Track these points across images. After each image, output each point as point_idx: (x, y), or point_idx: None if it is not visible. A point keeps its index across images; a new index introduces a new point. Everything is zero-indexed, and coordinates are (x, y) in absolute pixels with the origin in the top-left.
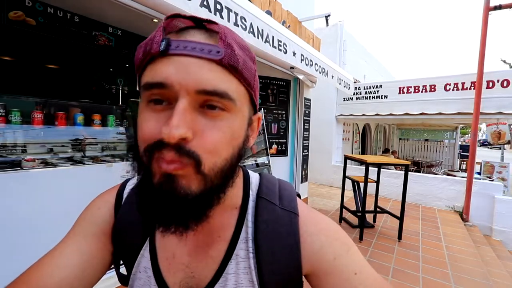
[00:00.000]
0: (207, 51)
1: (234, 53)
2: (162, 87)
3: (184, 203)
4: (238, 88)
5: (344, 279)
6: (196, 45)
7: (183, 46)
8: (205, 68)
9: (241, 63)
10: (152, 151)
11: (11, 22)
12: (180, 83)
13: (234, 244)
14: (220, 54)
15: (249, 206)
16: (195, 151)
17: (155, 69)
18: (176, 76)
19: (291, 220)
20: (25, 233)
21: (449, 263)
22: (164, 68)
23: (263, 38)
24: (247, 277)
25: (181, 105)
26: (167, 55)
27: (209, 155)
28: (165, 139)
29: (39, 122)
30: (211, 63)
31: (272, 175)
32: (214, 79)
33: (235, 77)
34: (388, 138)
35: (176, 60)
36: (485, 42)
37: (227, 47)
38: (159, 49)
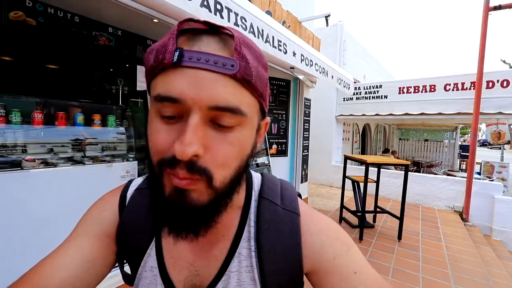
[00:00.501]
0: (221, 64)
1: (248, 65)
2: (175, 102)
3: (194, 212)
4: (249, 100)
5: (344, 278)
6: (209, 57)
7: (197, 58)
8: (218, 83)
9: (254, 76)
10: (164, 165)
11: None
12: (193, 99)
13: (236, 243)
14: (234, 68)
15: (252, 205)
16: (207, 167)
17: (167, 81)
18: (189, 92)
19: (292, 220)
20: (26, 233)
21: (449, 263)
22: (177, 82)
23: (263, 38)
24: (249, 275)
25: (193, 120)
26: (180, 67)
27: (220, 170)
28: (178, 157)
29: (39, 122)
30: (225, 78)
31: (274, 175)
32: (227, 94)
33: (247, 90)
34: (388, 138)
35: (189, 73)
36: (485, 42)
37: (242, 59)
38: (172, 59)
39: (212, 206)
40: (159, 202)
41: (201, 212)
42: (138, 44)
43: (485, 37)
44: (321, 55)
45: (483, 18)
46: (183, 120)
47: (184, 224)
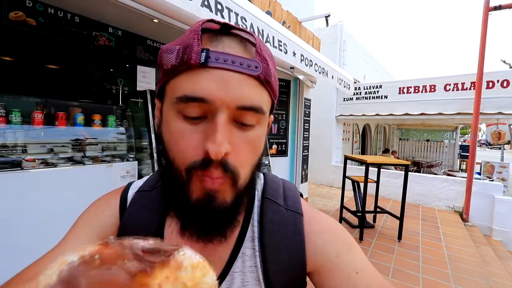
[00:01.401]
0: (246, 65)
1: (268, 67)
2: (202, 102)
3: (221, 214)
4: (267, 99)
5: (346, 277)
6: (235, 59)
7: (223, 59)
8: (244, 83)
9: (273, 77)
10: (195, 169)
11: (12, 23)
12: (222, 99)
13: (240, 243)
14: (258, 70)
15: (255, 205)
16: (235, 165)
17: (193, 81)
18: (218, 93)
19: (295, 220)
20: (26, 233)
21: (449, 263)
22: (205, 82)
23: (263, 38)
24: (253, 275)
25: (222, 120)
26: (207, 67)
27: (243, 169)
28: (213, 157)
29: (39, 122)
30: (249, 78)
31: (275, 175)
32: (252, 94)
33: (266, 90)
34: (388, 138)
35: (216, 74)
36: (485, 42)
37: (263, 62)
38: (199, 60)
39: (235, 206)
40: (185, 208)
41: (227, 213)
42: (138, 44)
43: (485, 37)
44: (321, 55)
45: (483, 18)
46: (208, 120)
47: (212, 227)
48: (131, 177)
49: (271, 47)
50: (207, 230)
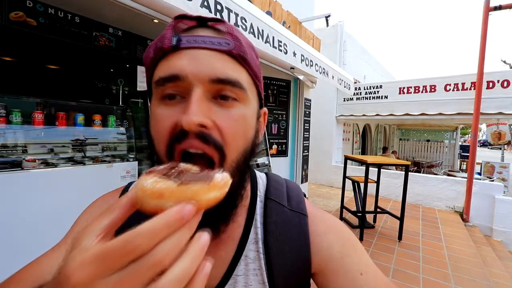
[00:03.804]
0: (217, 43)
1: (241, 44)
2: (176, 79)
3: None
4: (247, 78)
5: (350, 278)
6: (206, 39)
7: (194, 40)
8: (216, 58)
9: (249, 55)
10: (173, 145)
11: (12, 23)
12: (194, 73)
13: (243, 245)
14: (229, 46)
15: (257, 206)
16: (218, 139)
17: (167, 63)
18: (189, 67)
19: (300, 221)
20: (26, 233)
21: (449, 264)
22: (177, 61)
23: (263, 38)
24: (256, 278)
25: (196, 94)
26: (179, 49)
27: (229, 146)
28: (185, 127)
29: (39, 123)
30: (222, 54)
31: (278, 175)
32: (226, 67)
33: (244, 67)
34: (388, 138)
35: (188, 53)
36: (485, 43)
37: (235, 40)
38: (171, 44)
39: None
40: None
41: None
42: (138, 45)
43: (485, 37)
44: (321, 56)
45: (483, 18)
46: (186, 100)
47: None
48: (131, 177)
49: (271, 47)
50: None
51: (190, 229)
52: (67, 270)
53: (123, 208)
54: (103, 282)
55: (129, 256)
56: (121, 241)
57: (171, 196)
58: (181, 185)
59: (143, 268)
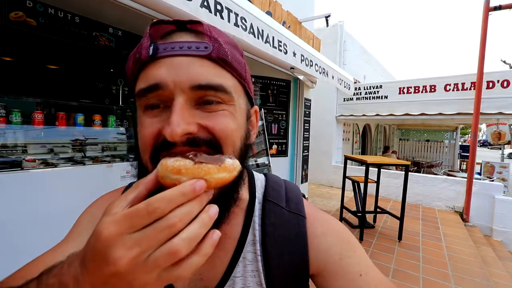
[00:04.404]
0: (195, 47)
1: (221, 46)
2: (157, 89)
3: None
4: (231, 81)
5: (349, 280)
6: (183, 44)
7: (171, 47)
8: (196, 64)
9: (230, 56)
10: (157, 154)
11: (12, 23)
12: (174, 81)
13: (241, 247)
14: (208, 49)
15: (256, 208)
16: (211, 137)
17: (147, 74)
18: (169, 76)
19: (298, 223)
20: (26, 233)
21: (449, 264)
22: (156, 71)
23: (263, 38)
24: (254, 280)
25: (178, 103)
26: (157, 59)
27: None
28: (169, 138)
29: (39, 123)
30: (201, 59)
31: (277, 176)
32: (206, 73)
33: (226, 70)
34: (388, 138)
35: (166, 61)
36: (485, 43)
37: (214, 42)
38: (148, 54)
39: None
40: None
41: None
42: None
43: (485, 37)
44: (321, 56)
45: (483, 18)
46: (167, 109)
47: None
48: (131, 177)
49: (271, 47)
50: None
51: (200, 202)
52: (99, 227)
53: (147, 184)
54: (127, 237)
55: (150, 216)
56: (144, 204)
57: (187, 172)
58: (196, 164)
59: (160, 228)
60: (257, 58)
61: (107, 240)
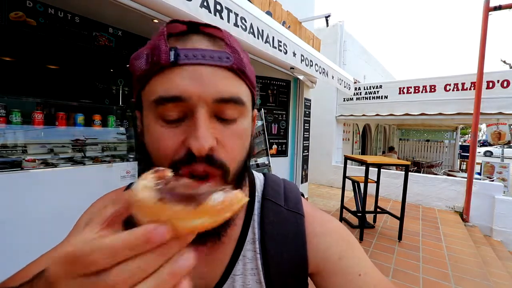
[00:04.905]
0: (217, 57)
1: (240, 57)
2: (179, 100)
3: None
4: (246, 90)
5: (349, 279)
6: (205, 53)
7: (193, 54)
8: (219, 76)
9: (247, 67)
10: (178, 166)
11: (12, 23)
12: (198, 94)
13: (241, 245)
14: (229, 60)
15: (255, 207)
16: (223, 160)
17: (167, 81)
18: (193, 88)
19: (297, 221)
20: (26, 233)
21: (449, 264)
22: (179, 80)
23: (263, 38)
24: (254, 278)
25: (202, 115)
26: (178, 65)
27: (233, 163)
28: (196, 153)
29: (39, 123)
30: (223, 70)
31: (276, 175)
32: (229, 85)
33: (243, 81)
34: (388, 138)
35: (189, 70)
36: (485, 43)
37: (234, 52)
38: (169, 59)
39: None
40: None
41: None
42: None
43: (485, 37)
44: (321, 56)
45: (483, 18)
46: (188, 119)
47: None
48: (131, 177)
49: (271, 47)
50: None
51: (162, 255)
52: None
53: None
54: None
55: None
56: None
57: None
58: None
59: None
60: (257, 58)
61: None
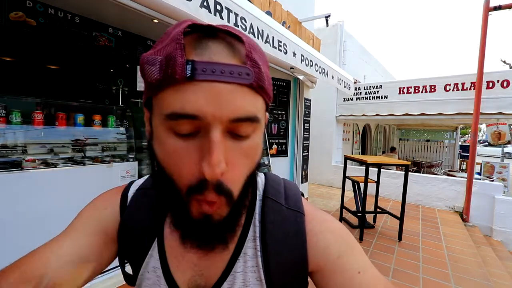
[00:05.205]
0: (237, 74)
1: (261, 71)
2: (193, 119)
3: (220, 226)
4: (262, 104)
5: (348, 277)
6: (224, 68)
7: (211, 69)
8: (237, 94)
9: (266, 81)
10: (193, 192)
11: (12, 23)
12: (213, 114)
13: (242, 243)
14: (250, 77)
15: (256, 205)
16: (230, 186)
17: (182, 97)
18: (208, 107)
19: (297, 219)
20: (26, 233)
21: (449, 264)
22: (194, 97)
23: (263, 38)
24: (254, 275)
25: (216, 137)
26: (194, 81)
27: (238, 185)
28: (208, 179)
29: (39, 123)
30: (242, 88)
31: (276, 175)
32: (246, 105)
33: (261, 95)
34: (388, 138)
35: (205, 87)
36: (485, 43)
37: (255, 66)
38: (185, 74)
39: (233, 215)
40: (184, 225)
41: (226, 223)
42: (138, 45)
43: (485, 37)
44: (321, 56)
45: (483, 18)
46: (201, 135)
47: (212, 238)
48: (131, 177)
49: (271, 47)
50: (207, 241)
51: None
52: None
53: None
54: None
55: None
56: None
57: None
58: None
59: None
60: None
61: None
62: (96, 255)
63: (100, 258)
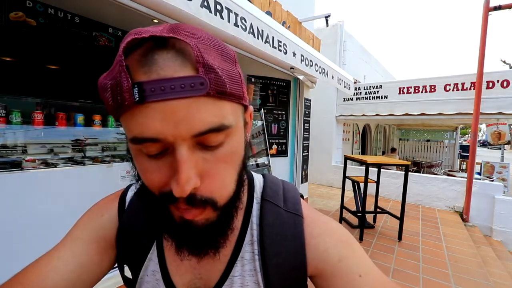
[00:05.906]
0: (189, 86)
1: (218, 75)
2: (154, 141)
3: (208, 230)
4: (230, 108)
5: (349, 281)
6: (174, 83)
7: (160, 88)
8: (193, 109)
9: (228, 82)
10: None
11: (12, 23)
12: (173, 134)
13: (239, 247)
14: (205, 86)
15: (254, 208)
16: (208, 196)
17: (137, 122)
18: (165, 129)
19: (296, 222)
20: (26, 234)
21: (449, 264)
22: (149, 121)
23: (263, 38)
24: (252, 279)
25: (182, 155)
26: (146, 103)
27: (221, 191)
28: (176, 195)
29: (39, 123)
30: (198, 99)
31: (275, 176)
32: (205, 117)
33: (225, 100)
34: (388, 138)
35: (159, 108)
36: (485, 43)
37: (209, 71)
38: (133, 98)
39: (222, 218)
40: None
41: (214, 227)
42: None
43: (485, 37)
44: (321, 56)
45: (483, 18)
46: (170, 152)
47: (202, 243)
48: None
49: (271, 47)
50: (197, 247)
51: None
52: None
53: None
54: None
55: None
56: None
57: None
58: None
59: None
60: (257, 58)
61: None
62: (96, 264)
63: (101, 266)
